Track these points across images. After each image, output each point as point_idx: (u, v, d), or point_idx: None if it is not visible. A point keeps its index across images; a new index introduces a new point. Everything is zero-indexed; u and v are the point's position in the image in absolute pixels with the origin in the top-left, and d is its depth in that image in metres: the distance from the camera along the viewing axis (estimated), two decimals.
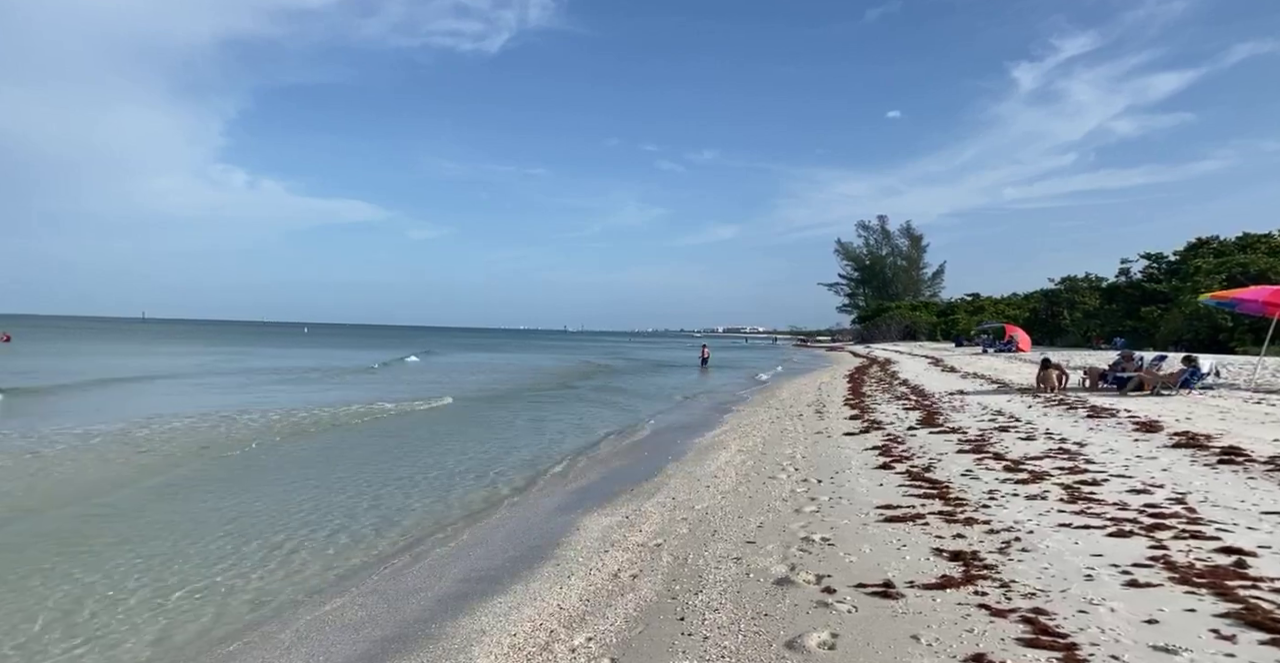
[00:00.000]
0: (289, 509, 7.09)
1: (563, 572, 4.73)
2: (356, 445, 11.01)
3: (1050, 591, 3.61)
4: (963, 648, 3.03)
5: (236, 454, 9.97)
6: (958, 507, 5.40)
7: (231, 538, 6.16)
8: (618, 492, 7.38)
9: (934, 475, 6.62)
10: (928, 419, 10.77)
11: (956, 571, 3.97)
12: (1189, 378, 13.05)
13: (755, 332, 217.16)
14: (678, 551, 4.88)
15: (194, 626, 4.46)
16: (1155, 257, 41.15)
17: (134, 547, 5.88)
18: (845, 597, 3.71)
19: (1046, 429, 9.16)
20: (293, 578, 5.28)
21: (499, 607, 4.17)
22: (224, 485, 8.14)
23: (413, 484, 8.31)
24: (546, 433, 12.73)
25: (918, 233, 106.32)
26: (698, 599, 3.89)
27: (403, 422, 13.83)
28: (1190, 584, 3.59)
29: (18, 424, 11.83)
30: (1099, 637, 3.06)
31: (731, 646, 3.27)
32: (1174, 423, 9.06)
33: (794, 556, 4.49)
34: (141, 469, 8.84)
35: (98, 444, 10.18)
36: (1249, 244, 36.54)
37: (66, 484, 8.00)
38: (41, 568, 5.37)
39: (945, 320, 70.58)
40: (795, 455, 8.38)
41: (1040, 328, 45.85)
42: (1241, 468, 6.32)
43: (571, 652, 3.41)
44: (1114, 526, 4.68)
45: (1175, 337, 31.41)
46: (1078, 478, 6.18)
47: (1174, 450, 7.32)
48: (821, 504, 5.82)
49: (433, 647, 3.69)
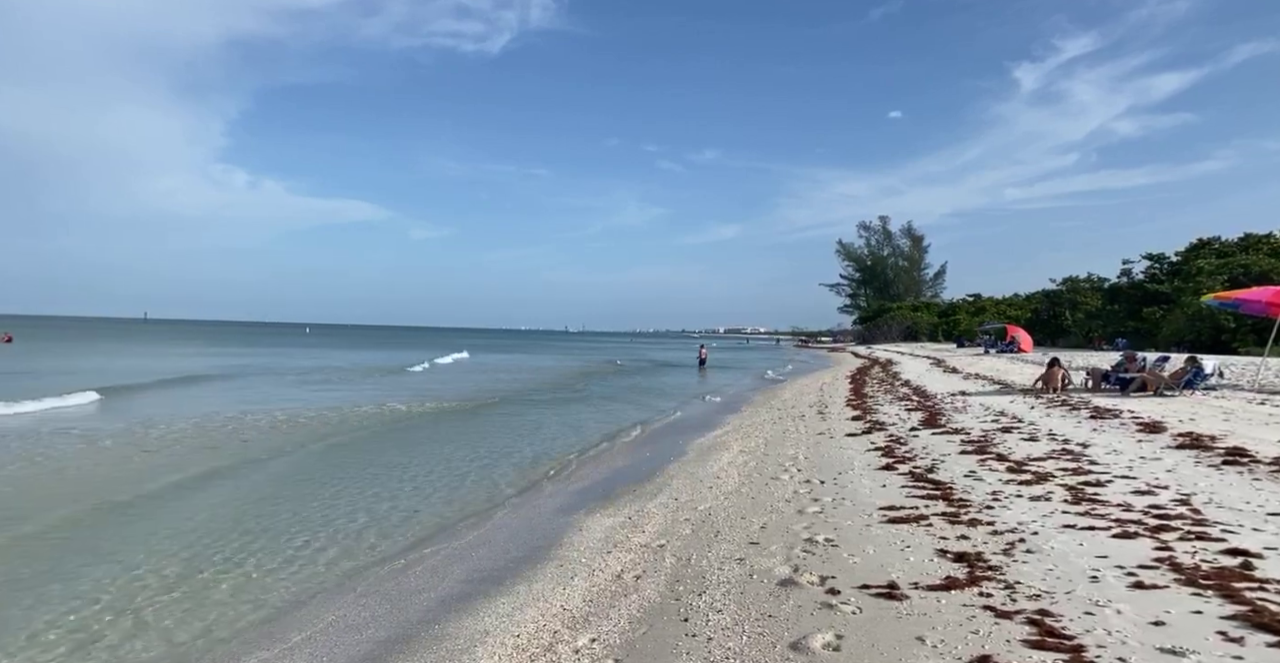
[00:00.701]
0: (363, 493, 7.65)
1: (566, 573, 4.72)
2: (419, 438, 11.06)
3: (1055, 592, 3.60)
4: (968, 650, 3.02)
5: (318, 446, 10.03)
6: (961, 508, 5.38)
7: (251, 534, 6.16)
8: (620, 492, 7.38)
9: (937, 477, 6.60)
10: (930, 420, 10.75)
11: (961, 572, 3.96)
12: (1192, 379, 13.02)
13: (756, 332, 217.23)
14: (681, 551, 4.87)
15: (199, 625, 4.45)
16: (1157, 257, 41.07)
17: (146, 544, 5.89)
18: (850, 598, 3.70)
19: (1049, 430, 9.14)
20: (296, 576, 5.28)
21: (503, 607, 4.16)
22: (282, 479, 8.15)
23: (454, 477, 8.33)
24: (551, 433, 12.72)
25: (919, 233, 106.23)
26: (701, 600, 3.88)
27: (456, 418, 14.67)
28: (1196, 586, 3.57)
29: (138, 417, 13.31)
30: (1105, 639, 3.05)
31: (736, 647, 3.26)
32: (1177, 424, 9.04)
33: (798, 557, 4.48)
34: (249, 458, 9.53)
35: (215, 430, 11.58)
36: (1251, 245, 36.48)
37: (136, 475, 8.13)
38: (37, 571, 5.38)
39: (946, 321, 70.51)
40: (798, 456, 8.37)
41: (1042, 328, 45.80)
42: (1246, 469, 6.30)
43: (575, 653, 3.40)
44: (1119, 527, 4.67)
45: (1177, 337, 31.36)
46: (1081, 479, 6.17)
47: (1178, 452, 7.30)
48: (825, 505, 5.80)
49: (437, 647, 3.68)
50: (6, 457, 9.47)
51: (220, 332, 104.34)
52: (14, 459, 9.32)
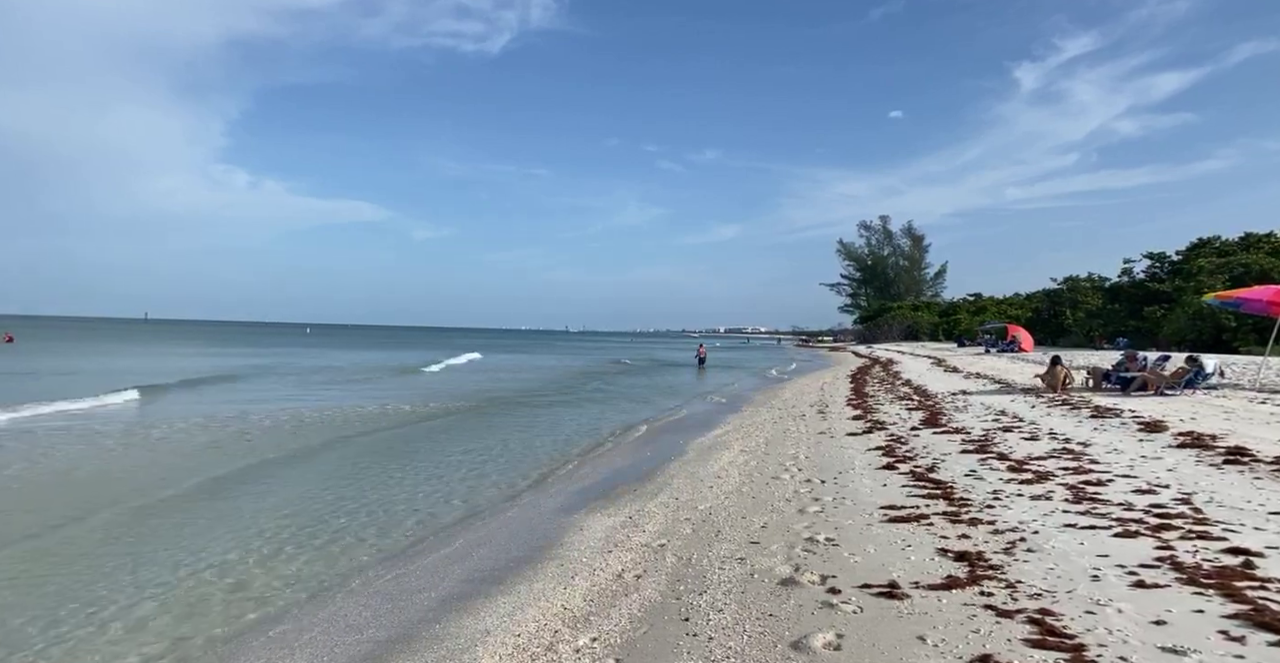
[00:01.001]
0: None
1: (566, 572, 4.72)
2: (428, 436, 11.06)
3: (1057, 591, 3.59)
4: (969, 649, 3.01)
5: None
6: (962, 507, 5.38)
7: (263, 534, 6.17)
8: (620, 492, 7.38)
9: (938, 476, 6.60)
10: (931, 420, 10.74)
11: (962, 571, 3.95)
12: (1193, 378, 13.00)
13: (757, 332, 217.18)
14: (681, 551, 4.87)
15: (203, 621, 4.45)
16: (1158, 256, 41.00)
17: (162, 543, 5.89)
18: (850, 597, 3.69)
19: (1050, 429, 9.13)
20: (301, 574, 5.28)
21: (503, 607, 4.16)
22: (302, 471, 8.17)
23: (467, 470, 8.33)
24: (556, 431, 12.72)
25: (919, 233, 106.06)
26: (702, 600, 3.88)
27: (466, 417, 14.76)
28: (1198, 585, 3.57)
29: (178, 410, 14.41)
30: (1107, 638, 3.04)
31: (736, 646, 3.25)
32: (1178, 423, 9.03)
33: (798, 556, 4.47)
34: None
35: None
36: (1252, 244, 36.41)
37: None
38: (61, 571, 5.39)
39: (947, 320, 70.41)
40: (798, 456, 8.36)
41: (1042, 328, 45.74)
42: (1247, 468, 6.29)
43: (576, 652, 3.40)
44: (1120, 526, 4.66)
45: (1178, 337, 31.31)
46: (1082, 478, 6.16)
47: (1179, 451, 7.29)
48: (825, 505, 5.80)
49: (437, 647, 3.68)
50: (99, 448, 10.25)
51: (222, 332, 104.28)
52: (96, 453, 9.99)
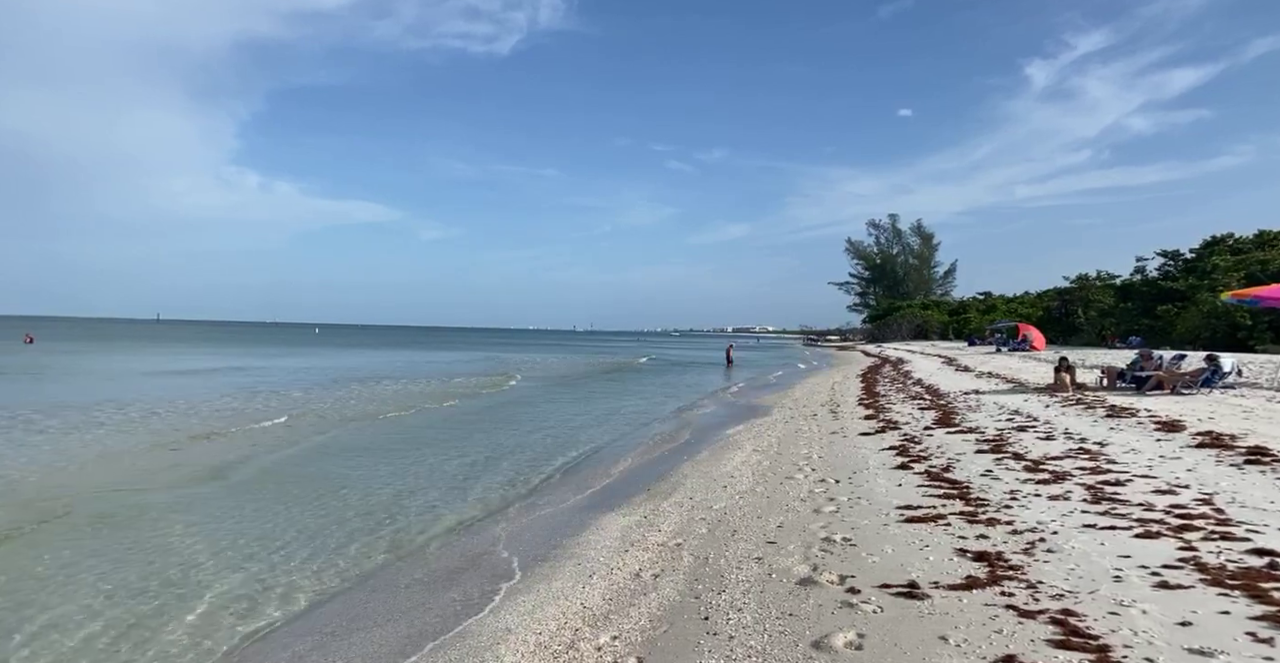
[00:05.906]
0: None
1: (584, 571, 4.74)
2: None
3: (1079, 592, 3.58)
4: (992, 649, 3.01)
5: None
6: (979, 507, 5.36)
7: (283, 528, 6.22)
8: (634, 492, 7.39)
9: (953, 476, 6.57)
10: (944, 419, 10.70)
11: (982, 571, 3.94)
12: (1210, 377, 12.87)
13: (765, 331, 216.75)
14: (698, 550, 4.88)
15: (226, 619, 4.50)
16: (1172, 254, 40.56)
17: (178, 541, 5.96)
18: (870, 597, 3.69)
19: (1065, 429, 9.07)
20: (321, 574, 5.32)
21: (523, 605, 4.19)
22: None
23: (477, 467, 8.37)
24: (561, 431, 12.76)
25: (929, 231, 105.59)
26: (721, 599, 3.89)
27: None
28: (1223, 586, 3.54)
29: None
30: (1132, 639, 3.03)
31: (758, 645, 3.26)
32: (1196, 423, 8.95)
33: (816, 556, 4.47)
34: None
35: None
36: (1267, 241, 35.95)
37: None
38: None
39: (957, 319, 69.99)
40: (812, 455, 8.35)
41: (1054, 327, 45.37)
42: (1269, 468, 6.23)
43: (597, 650, 3.42)
44: (1140, 527, 4.63)
45: (1192, 335, 30.98)
46: (1100, 478, 6.12)
47: (1198, 451, 7.23)
48: (841, 504, 5.79)
49: (460, 644, 3.71)
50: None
51: (240, 333, 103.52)
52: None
